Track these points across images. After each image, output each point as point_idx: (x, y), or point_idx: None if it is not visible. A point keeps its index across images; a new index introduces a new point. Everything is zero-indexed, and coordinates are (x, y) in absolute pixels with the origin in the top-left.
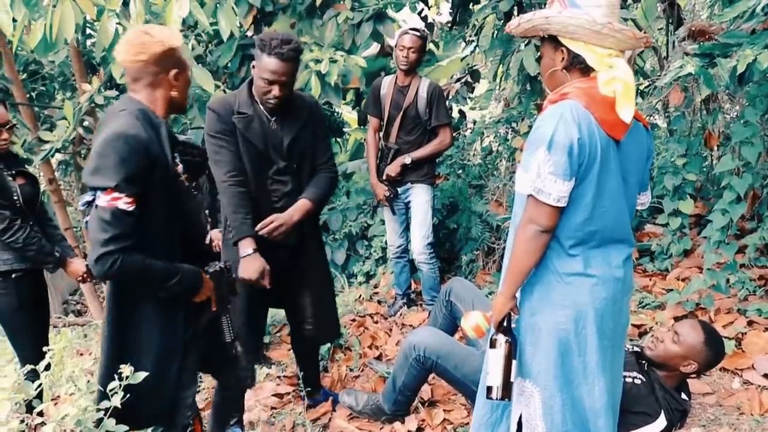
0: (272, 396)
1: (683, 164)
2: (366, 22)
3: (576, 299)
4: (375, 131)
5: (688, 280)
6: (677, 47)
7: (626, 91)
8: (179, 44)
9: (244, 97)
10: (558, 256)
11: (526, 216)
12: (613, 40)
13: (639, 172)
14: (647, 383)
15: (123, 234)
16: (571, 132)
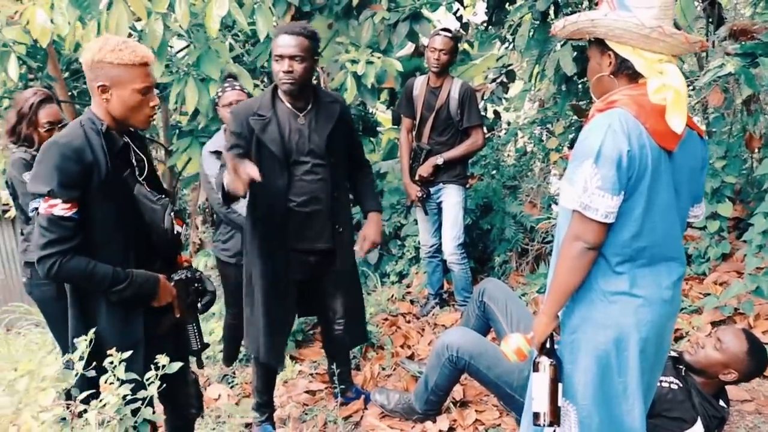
0: (304, 393)
1: (722, 166)
2: (402, 22)
3: (619, 320)
4: (408, 131)
5: (726, 285)
6: (718, 47)
7: (677, 100)
8: (118, 61)
9: (267, 99)
10: (603, 274)
11: (571, 232)
12: (664, 44)
13: (692, 183)
14: (684, 388)
15: (61, 238)
16: (620, 144)
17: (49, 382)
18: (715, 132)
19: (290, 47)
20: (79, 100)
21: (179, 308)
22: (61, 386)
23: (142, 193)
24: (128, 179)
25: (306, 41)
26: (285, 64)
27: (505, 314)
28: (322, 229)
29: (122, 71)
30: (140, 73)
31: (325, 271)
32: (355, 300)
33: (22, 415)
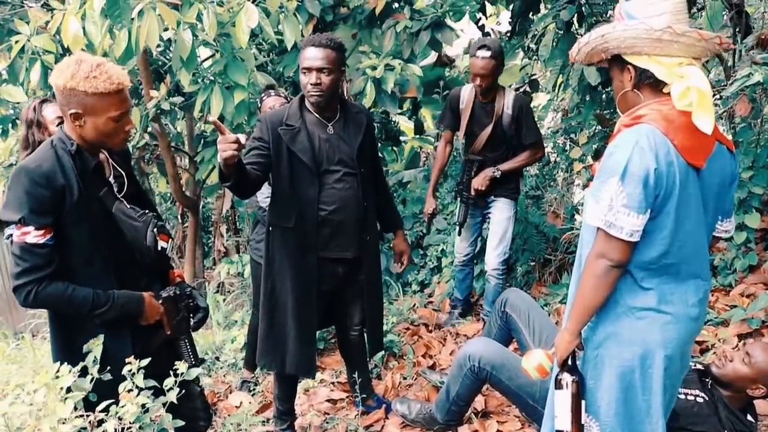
0: (326, 401)
1: (750, 177)
2: (424, 31)
3: (645, 337)
4: (447, 143)
5: (753, 297)
6: (745, 56)
7: (702, 100)
8: (92, 90)
9: (294, 109)
10: (629, 290)
11: (596, 250)
12: (679, 45)
13: (721, 198)
14: (710, 402)
15: (35, 266)
16: (647, 161)
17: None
18: (742, 142)
19: (318, 60)
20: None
21: (168, 325)
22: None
23: (122, 210)
24: (105, 198)
25: (333, 53)
26: (313, 76)
27: (527, 325)
28: (351, 238)
29: (96, 100)
30: (115, 100)
31: (350, 279)
32: (376, 308)
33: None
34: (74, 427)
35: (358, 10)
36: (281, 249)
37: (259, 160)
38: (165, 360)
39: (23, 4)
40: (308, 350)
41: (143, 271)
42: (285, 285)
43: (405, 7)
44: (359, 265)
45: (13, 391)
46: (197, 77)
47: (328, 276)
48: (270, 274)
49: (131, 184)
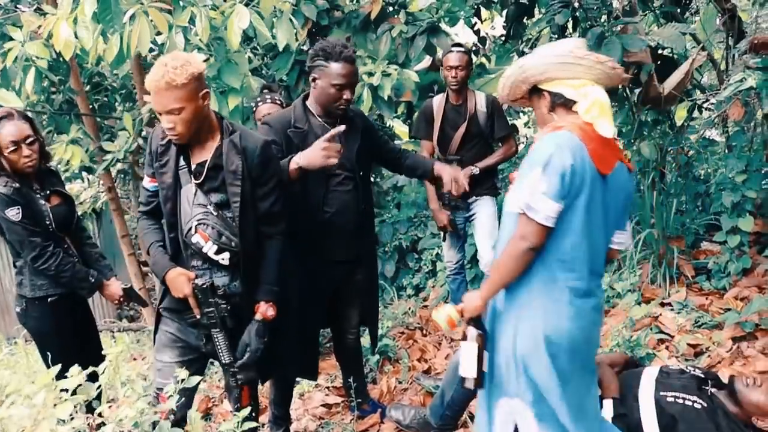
0: (321, 406)
1: (743, 181)
2: (419, 36)
3: (557, 324)
4: (430, 155)
5: (747, 300)
6: (738, 61)
7: (602, 111)
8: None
9: (300, 112)
10: (545, 282)
11: (517, 233)
12: (581, 68)
13: (618, 210)
14: (709, 409)
15: (141, 203)
16: (566, 157)
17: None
18: (735, 146)
19: (353, 77)
20: (100, 113)
21: (197, 309)
22: (80, 399)
23: (186, 194)
24: (180, 177)
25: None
26: (347, 93)
27: None
28: (350, 240)
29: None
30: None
31: (347, 281)
32: (374, 305)
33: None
34: (73, 429)
35: (353, 14)
36: (289, 255)
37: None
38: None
39: (16, 9)
40: (312, 354)
41: (198, 255)
42: (289, 289)
43: (400, 11)
44: (356, 266)
45: (9, 397)
46: None
47: (327, 278)
48: None
49: (224, 188)
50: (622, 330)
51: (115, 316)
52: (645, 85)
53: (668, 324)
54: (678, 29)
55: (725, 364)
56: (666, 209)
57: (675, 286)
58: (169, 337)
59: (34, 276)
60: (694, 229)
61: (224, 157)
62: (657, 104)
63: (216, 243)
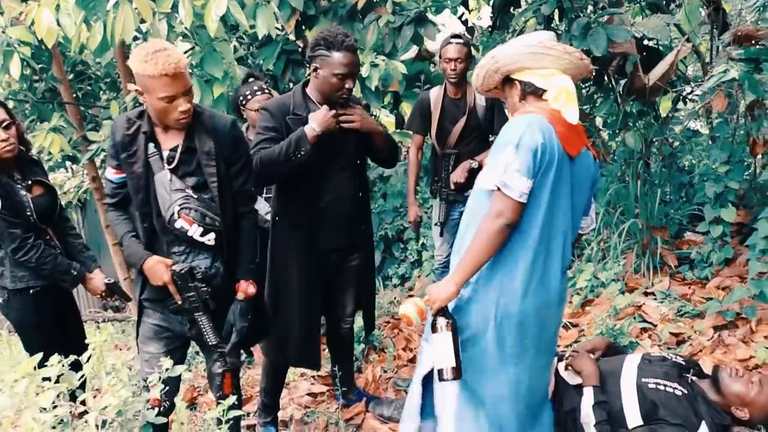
0: (306, 395)
1: (726, 172)
2: (407, 26)
3: (510, 299)
4: (418, 149)
5: (728, 290)
6: (722, 52)
7: (569, 98)
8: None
9: (299, 99)
10: (505, 259)
11: (493, 210)
12: (550, 58)
13: (584, 194)
14: (689, 395)
15: (107, 195)
16: (536, 136)
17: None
18: (718, 137)
19: (355, 66)
20: (84, 102)
21: (177, 296)
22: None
23: (161, 179)
24: (154, 164)
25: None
26: (350, 82)
27: None
28: (346, 228)
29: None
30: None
31: (342, 267)
32: (370, 292)
33: (23, 417)
34: (55, 417)
35: (339, 3)
36: (286, 241)
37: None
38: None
39: None
40: (313, 342)
41: (179, 241)
42: (290, 278)
43: (387, 1)
44: (351, 253)
45: None
46: None
47: (323, 265)
48: (273, 269)
49: (199, 170)
50: (606, 319)
51: (100, 306)
52: (630, 76)
53: (651, 313)
54: (663, 20)
55: (706, 353)
56: (650, 200)
57: (658, 276)
58: (153, 328)
59: (15, 267)
60: (678, 219)
61: (197, 138)
62: (642, 95)
63: (201, 225)
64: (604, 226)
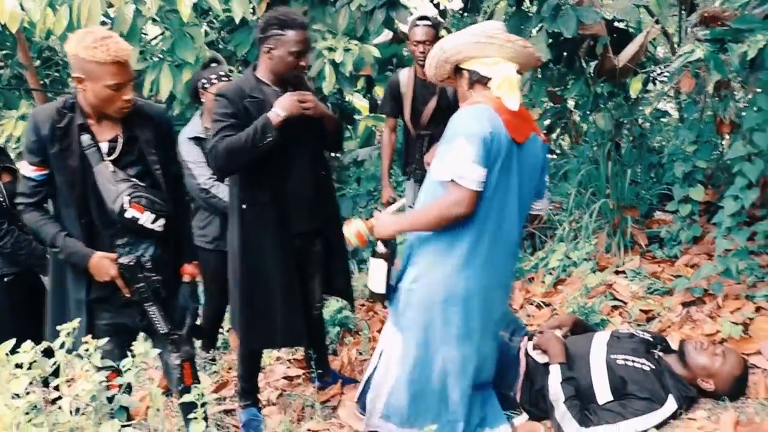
0: (282, 378)
1: (694, 151)
2: (379, 9)
3: (455, 281)
4: (392, 131)
5: (697, 267)
6: (689, 33)
7: (510, 86)
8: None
9: (253, 83)
10: (449, 240)
11: (450, 200)
12: (493, 47)
13: (533, 179)
14: (656, 371)
15: (22, 194)
16: (485, 126)
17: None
18: (687, 118)
19: (308, 44)
20: (52, 89)
21: (126, 289)
22: (34, 373)
23: (101, 171)
24: (91, 156)
25: None
26: (304, 59)
27: None
28: (312, 211)
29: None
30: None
31: (308, 253)
32: (345, 273)
33: None
34: (28, 404)
35: None
36: (257, 228)
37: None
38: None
39: None
40: (298, 321)
41: (123, 232)
42: (266, 264)
43: None
44: (316, 237)
45: None
46: (145, 55)
47: (294, 250)
48: (246, 256)
49: (141, 159)
50: (578, 297)
51: None
52: (600, 57)
53: (622, 291)
54: (632, 2)
55: (675, 328)
56: (621, 180)
57: (629, 255)
58: (104, 329)
59: None
60: (648, 199)
61: (137, 126)
62: (612, 77)
63: (153, 212)
64: (576, 206)
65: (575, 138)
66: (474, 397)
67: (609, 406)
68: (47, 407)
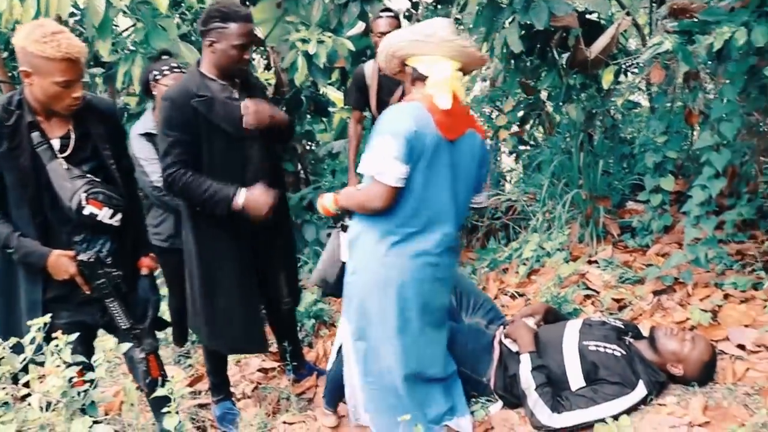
0: (258, 371)
1: (664, 142)
2: (353, 2)
3: (388, 273)
4: (357, 123)
5: (668, 256)
6: (659, 25)
7: (443, 85)
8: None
9: (198, 78)
10: (382, 233)
11: (370, 194)
12: (431, 45)
13: (470, 174)
14: (627, 356)
15: None
16: (410, 124)
17: None
18: (657, 108)
19: (252, 36)
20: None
21: (86, 286)
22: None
23: (55, 169)
24: (43, 154)
25: None
26: (247, 53)
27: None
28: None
29: (43, 63)
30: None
31: (269, 247)
32: (294, 268)
33: None
34: None
35: None
36: (213, 228)
37: (188, 157)
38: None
39: None
40: (257, 328)
41: (80, 229)
42: (224, 264)
43: None
44: (276, 232)
45: None
46: (117, 47)
47: (252, 248)
48: (204, 258)
49: (95, 154)
50: (551, 287)
51: None
52: (572, 49)
53: (594, 280)
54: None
55: (646, 316)
56: (593, 170)
57: (602, 245)
58: (64, 328)
59: None
60: (620, 189)
61: (89, 122)
62: (584, 68)
63: (111, 207)
64: (549, 197)
65: (549, 129)
66: (432, 388)
67: (581, 391)
68: (17, 404)
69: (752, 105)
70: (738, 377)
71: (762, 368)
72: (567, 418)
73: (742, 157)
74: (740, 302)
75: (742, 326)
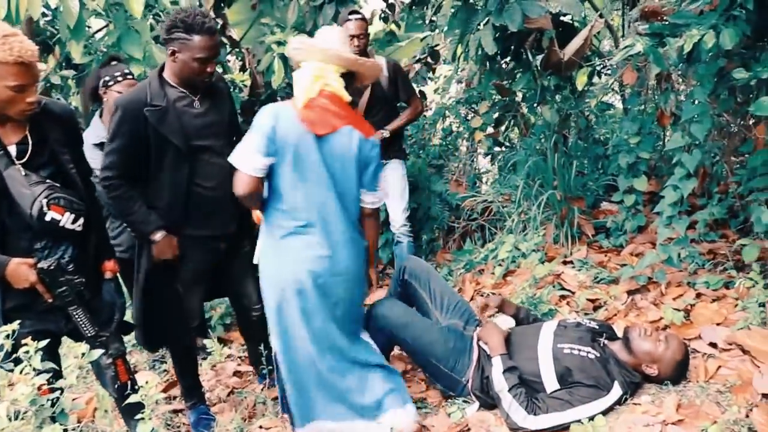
0: (233, 375)
1: (637, 143)
2: (328, 4)
3: (282, 268)
4: None
5: (641, 256)
6: (631, 27)
7: (298, 84)
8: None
9: (156, 88)
10: (272, 226)
11: (234, 180)
12: (304, 52)
13: (348, 169)
14: (601, 358)
15: None
16: (269, 120)
17: None
18: (630, 109)
19: (216, 49)
20: None
21: (48, 294)
22: None
23: (12, 175)
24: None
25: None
26: (211, 65)
27: (426, 290)
28: (231, 212)
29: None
30: (14, 71)
31: (234, 255)
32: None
33: None
34: None
35: None
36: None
37: (127, 170)
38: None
39: None
40: (192, 328)
41: (41, 236)
42: (174, 269)
43: None
44: (240, 239)
45: None
46: (90, 49)
47: (210, 253)
48: (142, 265)
49: (54, 159)
50: (527, 288)
51: None
52: (547, 51)
53: (569, 281)
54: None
55: (621, 316)
56: (567, 171)
57: (576, 245)
58: (27, 338)
59: None
60: (594, 189)
61: (46, 127)
62: (558, 70)
63: (72, 211)
64: (524, 198)
65: (524, 130)
66: (329, 383)
67: (557, 394)
68: None
69: (722, 106)
70: (710, 375)
71: (733, 366)
72: (543, 420)
73: (712, 157)
74: (712, 301)
75: (713, 325)
